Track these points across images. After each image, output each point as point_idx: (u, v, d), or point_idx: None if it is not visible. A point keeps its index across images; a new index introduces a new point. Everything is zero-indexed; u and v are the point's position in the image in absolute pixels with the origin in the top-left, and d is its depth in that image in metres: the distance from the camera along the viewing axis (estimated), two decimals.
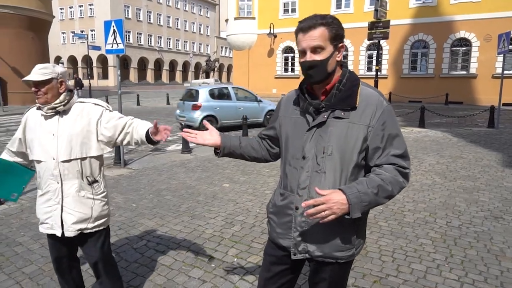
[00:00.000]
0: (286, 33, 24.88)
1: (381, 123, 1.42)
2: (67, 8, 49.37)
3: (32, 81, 1.97)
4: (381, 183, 1.38)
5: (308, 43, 1.39)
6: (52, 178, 2.05)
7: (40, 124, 2.07)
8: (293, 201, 1.54)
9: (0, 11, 17.16)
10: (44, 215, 2.12)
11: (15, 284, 2.87)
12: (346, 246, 1.52)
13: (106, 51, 6.73)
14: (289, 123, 1.59)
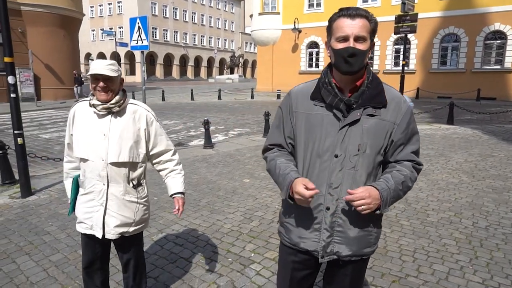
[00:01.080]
0: (311, 28, 24.62)
1: (405, 120, 1.46)
2: (97, 6, 50.84)
3: (102, 76, 1.91)
4: (404, 180, 1.44)
5: (353, 30, 1.35)
6: (99, 179, 2.02)
7: (90, 122, 2.02)
8: (321, 202, 1.48)
9: (34, 10, 17.90)
10: (84, 214, 2.09)
11: (42, 271, 3.01)
12: (372, 242, 1.55)
13: (131, 47, 6.89)
14: (310, 120, 1.48)
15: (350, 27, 1.35)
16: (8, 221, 4.01)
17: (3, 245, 3.46)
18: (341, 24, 1.37)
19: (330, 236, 1.50)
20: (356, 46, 1.35)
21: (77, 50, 21.35)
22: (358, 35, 1.35)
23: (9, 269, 3.03)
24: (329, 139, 1.44)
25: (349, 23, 1.36)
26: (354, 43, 1.36)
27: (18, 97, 4.57)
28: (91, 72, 1.93)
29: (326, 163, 1.46)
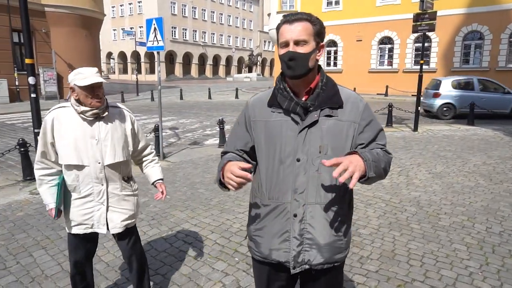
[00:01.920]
0: (329, 27, 24.33)
1: (365, 118, 1.47)
2: (118, 6, 51.85)
3: (97, 84, 2.01)
4: (378, 153, 1.42)
5: (292, 35, 1.36)
6: (97, 181, 2.12)
7: (78, 129, 2.07)
8: (288, 209, 1.45)
9: (57, 11, 18.43)
10: (82, 216, 2.16)
11: (57, 265, 3.13)
12: (343, 247, 1.52)
13: (147, 48, 7.02)
14: (269, 127, 1.47)
15: (289, 32, 1.37)
16: (27, 216, 4.19)
17: (22, 239, 3.62)
18: (282, 30, 1.39)
19: (300, 245, 1.46)
20: (296, 50, 1.36)
21: (98, 49, 21.87)
22: (297, 39, 1.35)
23: (26, 262, 3.18)
24: (290, 144, 1.43)
25: (288, 28, 1.37)
26: (294, 47, 1.36)
27: (38, 97, 4.75)
28: (87, 82, 1.97)
29: (289, 168, 1.43)
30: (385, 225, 3.91)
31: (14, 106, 15.99)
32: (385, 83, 22.11)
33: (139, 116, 13.70)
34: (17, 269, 3.07)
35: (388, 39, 22.69)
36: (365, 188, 5.14)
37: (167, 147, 8.14)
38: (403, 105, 14.43)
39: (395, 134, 9.64)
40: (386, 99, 19.94)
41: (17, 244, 3.51)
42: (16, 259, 3.23)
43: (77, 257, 2.32)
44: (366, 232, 3.74)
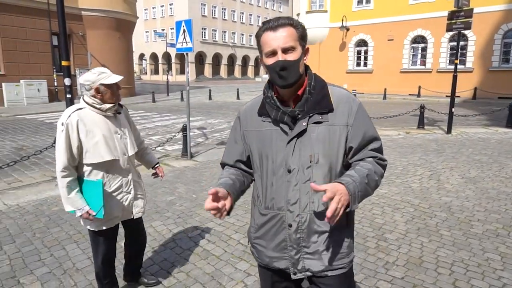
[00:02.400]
0: (360, 26, 23.93)
1: (358, 120, 1.40)
2: (150, 8, 53.27)
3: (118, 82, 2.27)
4: (368, 173, 1.35)
5: (278, 42, 1.29)
6: (125, 172, 2.37)
7: (103, 126, 2.22)
8: (284, 220, 1.43)
9: (93, 14, 19.19)
10: (116, 210, 2.36)
11: (87, 259, 3.27)
12: (345, 253, 1.47)
13: (177, 49, 7.17)
14: (260, 137, 1.45)
15: (275, 40, 1.30)
16: (61, 211, 4.39)
17: (56, 232, 3.80)
18: (266, 38, 1.32)
19: (298, 253, 1.44)
20: (286, 58, 1.30)
21: (131, 51, 22.57)
22: (285, 46, 1.30)
23: (59, 255, 3.33)
24: (281, 155, 1.39)
25: (273, 36, 1.30)
26: (283, 55, 1.30)
27: (73, 97, 4.96)
28: (114, 80, 2.20)
29: (281, 179, 1.40)
30: (413, 231, 3.79)
31: (53, 105, 16.81)
32: (417, 84, 21.43)
33: (168, 116, 14.02)
34: (50, 261, 3.23)
35: (422, 38, 21.96)
36: (393, 192, 5.00)
37: (194, 146, 8.28)
38: (436, 106, 13.93)
39: (426, 136, 9.32)
40: (418, 100, 19.33)
41: (51, 237, 3.70)
42: (50, 252, 3.40)
43: (110, 252, 2.47)
44: (392, 237, 3.64)
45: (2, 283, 2.89)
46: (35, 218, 4.19)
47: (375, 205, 4.55)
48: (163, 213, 4.34)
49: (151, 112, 15.34)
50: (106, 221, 2.34)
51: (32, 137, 9.68)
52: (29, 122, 12.46)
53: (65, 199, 2.21)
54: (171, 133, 9.85)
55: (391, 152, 7.57)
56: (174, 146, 8.44)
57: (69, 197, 2.19)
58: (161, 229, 3.89)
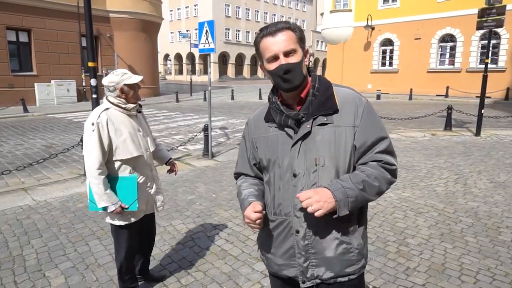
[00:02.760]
0: (385, 25, 23.44)
1: (364, 120, 1.35)
2: (175, 9, 54.15)
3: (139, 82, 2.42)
4: (366, 179, 1.31)
5: (279, 47, 1.29)
6: (148, 167, 2.54)
7: (128, 125, 2.39)
8: (291, 225, 1.41)
9: (120, 16, 19.70)
10: (143, 201, 2.51)
11: (109, 255, 3.36)
12: (355, 259, 1.42)
13: (199, 50, 7.26)
14: (267, 143, 1.45)
15: (275, 45, 1.30)
16: (86, 207, 4.52)
17: (80, 228, 3.93)
18: (266, 44, 1.32)
19: (306, 260, 1.42)
20: (288, 61, 1.30)
21: (156, 51, 23.01)
22: (286, 49, 1.30)
23: (83, 250, 3.44)
24: (287, 159, 1.38)
25: (273, 41, 1.30)
26: (285, 59, 1.30)
27: (98, 97, 5.11)
28: (135, 80, 2.35)
29: (288, 184, 1.39)
30: (436, 236, 3.68)
31: (81, 105, 17.37)
32: (445, 84, 20.77)
33: (191, 115, 14.22)
34: (74, 256, 3.34)
35: (450, 36, 21.27)
36: (416, 196, 4.87)
37: (216, 146, 8.35)
38: (465, 108, 13.46)
39: (454, 138, 9.02)
40: (446, 100, 18.74)
41: (76, 233, 3.82)
42: (74, 247, 3.51)
43: (129, 247, 2.57)
44: (414, 242, 3.54)
45: (29, 276, 3.02)
46: (61, 214, 4.35)
47: (397, 208, 4.44)
48: (183, 212, 4.40)
49: (175, 111, 15.60)
50: (133, 214, 2.47)
51: (61, 135, 10.04)
52: (58, 121, 12.94)
53: (101, 195, 2.30)
54: (193, 132, 9.98)
55: (415, 154, 7.37)
56: (195, 145, 8.55)
57: (106, 192, 2.30)
58: (181, 228, 3.94)
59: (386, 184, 1.36)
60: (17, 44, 16.86)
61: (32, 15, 16.71)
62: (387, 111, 14.61)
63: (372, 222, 4.05)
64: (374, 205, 4.52)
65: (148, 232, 2.80)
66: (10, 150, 8.08)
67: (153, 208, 2.65)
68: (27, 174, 6.15)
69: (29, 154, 7.72)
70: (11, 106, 15.26)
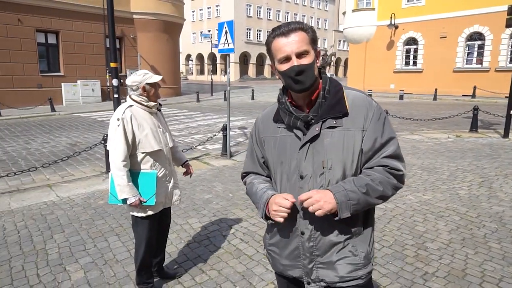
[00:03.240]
0: (409, 23, 22.93)
1: (374, 124, 1.33)
2: (197, 10, 54.81)
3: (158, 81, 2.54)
4: (370, 183, 1.29)
5: (292, 47, 1.28)
6: (168, 162, 2.66)
7: (150, 121, 2.55)
8: (297, 227, 1.41)
9: (144, 17, 20.10)
10: (162, 195, 2.63)
11: (126, 251, 3.44)
12: (361, 264, 1.40)
13: (219, 50, 7.31)
14: (276, 143, 1.44)
15: (288, 46, 1.28)
16: (106, 204, 4.65)
17: (100, 225, 4.04)
18: (278, 45, 1.31)
19: (311, 262, 1.41)
20: (301, 63, 1.29)
21: (178, 52, 23.35)
22: (299, 51, 1.28)
23: (102, 246, 3.54)
24: (294, 161, 1.38)
25: (285, 41, 1.29)
26: (297, 60, 1.29)
27: (119, 96, 5.24)
28: (156, 79, 2.50)
29: (295, 185, 1.38)
30: (457, 241, 3.56)
31: (105, 104, 17.84)
32: (472, 84, 20.09)
33: (211, 115, 14.35)
34: (94, 252, 3.43)
35: (478, 34, 20.56)
36: (437, 199, 4.73)
37: (234, 146, 8.39)
38: (493, 108, 12.97)
39: (479, 140, 8.71)
40: (472, 101, 18.13)
41: (96, 229, 3.93)
42: (94, 243, 3.61)
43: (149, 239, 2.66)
44: (433, 247, 3.45)
45: (51, 269, 3.13)
46: (83, 210, 4.48)
47: (416, 211, 4.33)
48: (200, 210, 4.45)
49: (195, 111, 15.78)
50: (153, 207, 2.59)
51: (85, 134, 10.35)
52: (83, 120, 13.34)
53: (123, 187, 2.42)
54: (213, 132, 10.06)
55: (438, 156, 7.16)
56: (214, 145, 8.61)
57: (128, 184, 2.42)
58: (197, 226, 3.99)
59: (391, 189, 1.33)
60: (45, 46, 17.48)
61: (61, 17, 17.29)
62: (410, 111, 14.27)
63: (390, 224, 3.97)
64: (393, 208, 4.43)
65: (164, 225, 2.88)
66: (37, 148, 8.40)
67: (171, 202, 2.76)
68: (52, 171, 6.37)
69: (55, 151, 7.99)
70: (40, 105, 15.85)
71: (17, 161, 7.14)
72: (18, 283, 2.92)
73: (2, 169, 6.50)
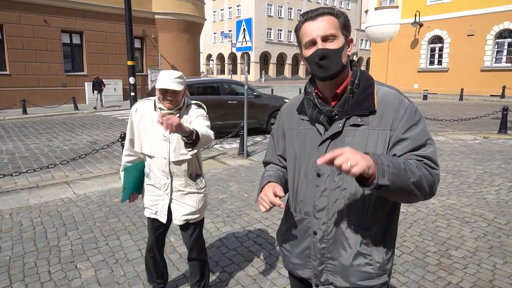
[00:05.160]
0: (435, 21, 22.24)
1: (404, 124, 1.19)
2: (218, 10, 55.12)
3: (170, 90, 2.08)
4: (406, 162, 1.10)
5: (318, 31, 1.19)
6: (163, 174, 2.25)
7: (152, 124, 2.23)
8: (310, 226, 1.34)
9: (165, 18, 20.32)
10: (150, 202, 2.38)
11: (138, 250, 3.40)
12: (375, 273, 1.28)
13: (236, 49, 7.24)
14: (297, 136, 1.37)
15: (314, 29, 1.20)
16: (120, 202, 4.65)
17: (113, 223, 4.02)
18: (305, 29, 1.22)
19: (321, 264, 1.33)
20: (326, 47, 1.18)
21: (198, 52, 23.48)
22: (325, 34, 1.18)
23: (114, 245, 3.51)
24: (313, 156, 1.28)
25: (312, 25, 1.20)
26: (323, 44, 1.19)
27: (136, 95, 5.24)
28: (160, 86, 2.09)
29: (311, 182, 1.30)
30: (484, 249, 3.34)
31: (126, 103, 18.06)
32: (501, 83, 19.29)
33: None
34: (105, 250, 3.41)
35: (509, 32, 19.70)
36: (463, 203, 4.48)
37: (252, 145, 8.30)
38: None
39: (509, 142, 8.28)
40: (501, 101, 17.38)
41: (109, 227, 3.92)
42: (106, 241, 3.60)
43: (150, 239, 2.54)
44: (458, 255, 3.24)
45: (62, 266, 3.12)
46: (98, 208, 4.49)
47: (440, 216, 4.11)
48: (213, 210, 4.38)
49: None
50: (145, 207, 2.43)
51: (106, 132, 10.51)
52: (104, 118, 13.57)
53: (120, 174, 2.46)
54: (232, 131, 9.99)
55: (464, 158, 6.84)
56: (232, 144, 8.55)
57: (121, 174, 2.43)
58: (210, 227, 3.91)
59: (427, 183, 1.13)
60: (70, 46, 17.93)
61: (85, 18, 17.70)
62: (434, 112, 13.80)
63: (411, 230, 3.77)
64: (415, 212, 4.22)
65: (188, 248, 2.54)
66: (58, 145, 8.57)
67: (165, 218, 2.35)
68: (72, 168, 6.46)
69: (75, 149, 8.13)
70: (63, 104, 16.27)
71: (39, 158, 7.30)
72: (29, 280, 2.92)
73: (24, 166, 6.65)
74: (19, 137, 9.60)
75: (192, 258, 2.53)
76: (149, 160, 2.32)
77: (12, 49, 15.82)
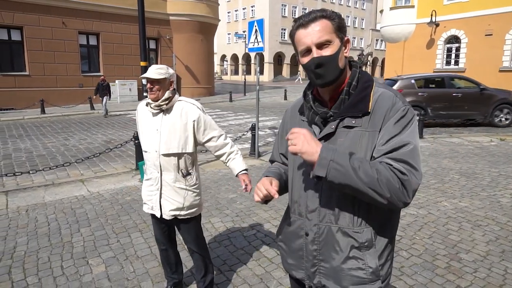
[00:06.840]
0: (452, 21, 21.78)
1: (391, 125, 1.17)
2: (233, 11, 55.30)
3: (150, 79, 2.23)
4: (366, 164, 1.12)
5: (312, 38, 1.18)
6: (154, 168, 2.36)
7: (147, 119, 2.36)
8: (302, 227, 1.34)
9: (179, 19, 20.54)
10: (146, 196, 2.49)
11: (147, 248, 3.46)
12: (367, 278, 1.25)
13: (248, 49, 7.27)
14: None
15: (307, 36, 1.18)
16: (133, 200, 4.74)
17: (125, 220, 4.11)
18: (299, 36, 1.21)
19: (313, 266, 1.33)
20: (321, 54, 1.18)
21: (212, 52, 23.64)
22: (319, 41, 1.17)
23: (124, 242, 3.59)
24: None
25: (305, 32, 1.19)
26: (318, 51, 1.18)
27: None
28: (143, 75, 2.31)
29: (305, 183, 1.31)
30: (495, 253, 3.28)
31: None
32: None
33: (243, 115, 14.38)
34: (116, 247, 3.49)
35: None
36: (475, 206, 4.41)
37: (263, 146, 8.32)
38: None
39: None
40: None
41: (120, 224, 4.00)
42: (117, 238, 3.68)
43: (155, 234, 2.65)
44: (468, 258, 3.19)
45: (74, 262, 3.21)
46: (110, 205, 4.59)
47: (451, 219, 4.05)
48: (223, 210, 4.42)
49: (227, 111, 15.89)
50: (143, 203, 2.54)
51: (120, 131, 10.70)
52: (119, 118, 13.81)
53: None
54: (243, 131, 10.05)
55: (479, 160, 6.70)
56: (244, 144, 8.59)
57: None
58: (218, 226, 3.95)
59: (388, 189, 1.11)
60: (87, 47, 18.31)
61: (101, 20, 18.04)
62: None
63: (421, 232, 3.73)
64: (425, 214, 4.17)
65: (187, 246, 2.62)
66: (74, 144, 8.77)
67: (159, 212, 2.40)
68: (86, 167, 6.61)
69: (90, 148, 8.31)
70: (80, 104, 16.62)
71: (55, 156, 7.49)
72: (42, 274, 3.02)
73: (41, 164, 6.84)
74: (37, 136, 9.87)
75: (192, 253, 2.63)
76: (145, 155, 2.43)
77: (31, 50, 16.26)
